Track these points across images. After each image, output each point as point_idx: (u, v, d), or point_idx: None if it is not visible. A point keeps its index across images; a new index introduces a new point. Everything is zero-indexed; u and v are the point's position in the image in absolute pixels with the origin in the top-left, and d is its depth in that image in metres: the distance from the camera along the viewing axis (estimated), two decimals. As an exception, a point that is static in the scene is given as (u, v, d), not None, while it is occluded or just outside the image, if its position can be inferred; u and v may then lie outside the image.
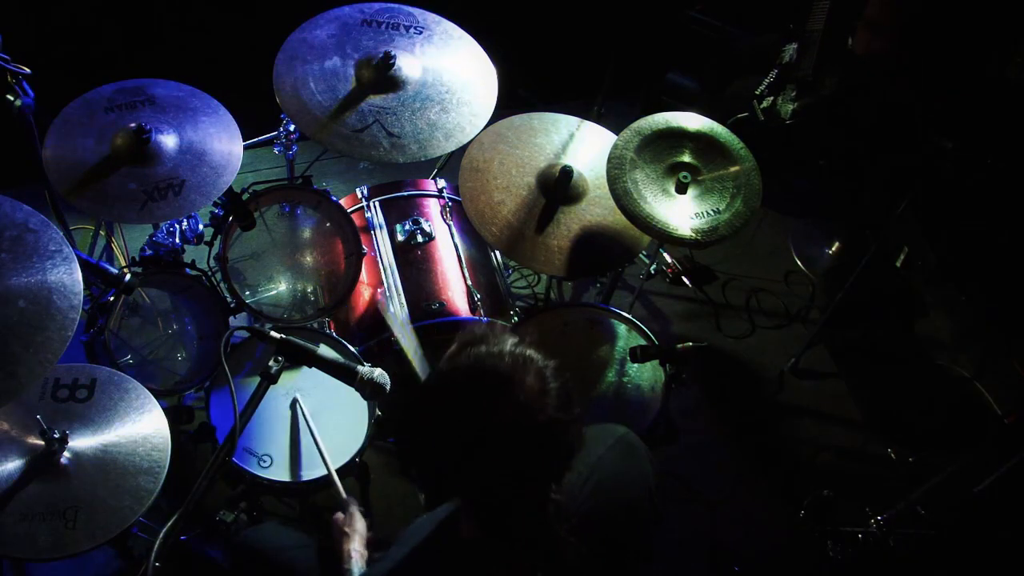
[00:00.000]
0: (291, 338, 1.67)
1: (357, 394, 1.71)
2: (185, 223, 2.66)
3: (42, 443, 1.93)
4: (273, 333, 1.67)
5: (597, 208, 2.58)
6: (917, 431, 3.20)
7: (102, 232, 3.07)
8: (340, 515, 1.94)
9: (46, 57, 2.47)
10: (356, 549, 1.83)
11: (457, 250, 2.73)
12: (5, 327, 1.78)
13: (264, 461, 2.28)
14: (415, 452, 1.30)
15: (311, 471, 2.26)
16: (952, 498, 2.72)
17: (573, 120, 2.75)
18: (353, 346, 2.46)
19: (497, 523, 1.30)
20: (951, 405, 3.36)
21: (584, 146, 2.69)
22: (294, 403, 2.32)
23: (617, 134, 2.57)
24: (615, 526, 1.45)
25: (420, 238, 2.71)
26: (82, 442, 2.00)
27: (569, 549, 1.30)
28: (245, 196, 2.46)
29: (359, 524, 1.92)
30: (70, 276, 1.89)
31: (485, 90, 2.58)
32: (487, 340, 1.25)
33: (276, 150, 2.85)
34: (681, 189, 2.48)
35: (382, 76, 2.49)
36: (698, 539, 2.86)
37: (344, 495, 2.03)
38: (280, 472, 2.27)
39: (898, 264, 3.67)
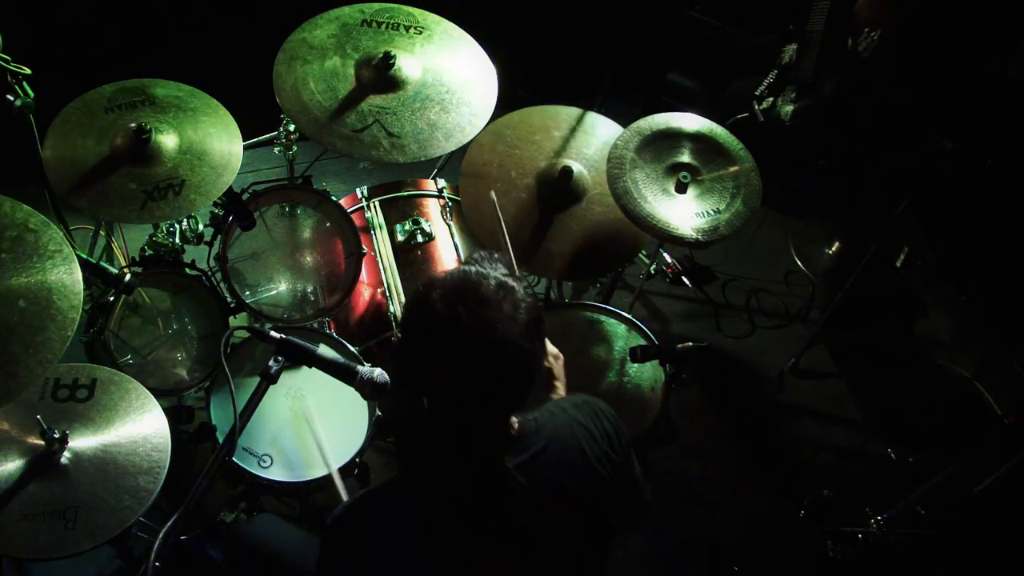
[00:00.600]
0: (291, 338, 1.67)
1: (357, 394, 1.71)
2: (185, 223, 2.65)
3: (42, 443, 1.93)
4: (273, 333, 1.67)
5: (597, 208, 2.58)
6: (917, 431, 3.20)
7: (102, 232, 3.06)
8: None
9: (46, 57, 2.46)
10: None
11: (457, 250, 2.73)
12: (5, 327, 1.78)
13: (264, 461, 2.28)
14: (396, 346, 1.37)
15: (311, 471, 2.26)
16: (952, 498, 2.72)
17: (573, 112, 2.75)
18: (353, 346, 2.46)
19: (452, 437, 1.39)
20: (951, 405, 3.36)
21: (583, 144, 2.70)
22: (299, 404, 2.32)
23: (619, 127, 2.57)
24: (567, 476, 1.47)
25: (420, 238, 2.71)
26: (82, 442, 2.00)
27: (518, 487, 1.37)
28: (245, 196, 2.46)
29: None
30: (70, 276, 1.89)
31: (485, 90, 2.58)
32: (481, 263, 1.37)
33: (276, 150, 2.85)
34: (681, 189, 2.48)
35: (382, 76, 2.49)
36: (698, 539, 2.86)
37: (346, 497, 2.02)
38: (280, 472, 2.27)
39: (898, 264, 3.68)
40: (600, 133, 2.74)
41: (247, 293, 2.58)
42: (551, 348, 1.92)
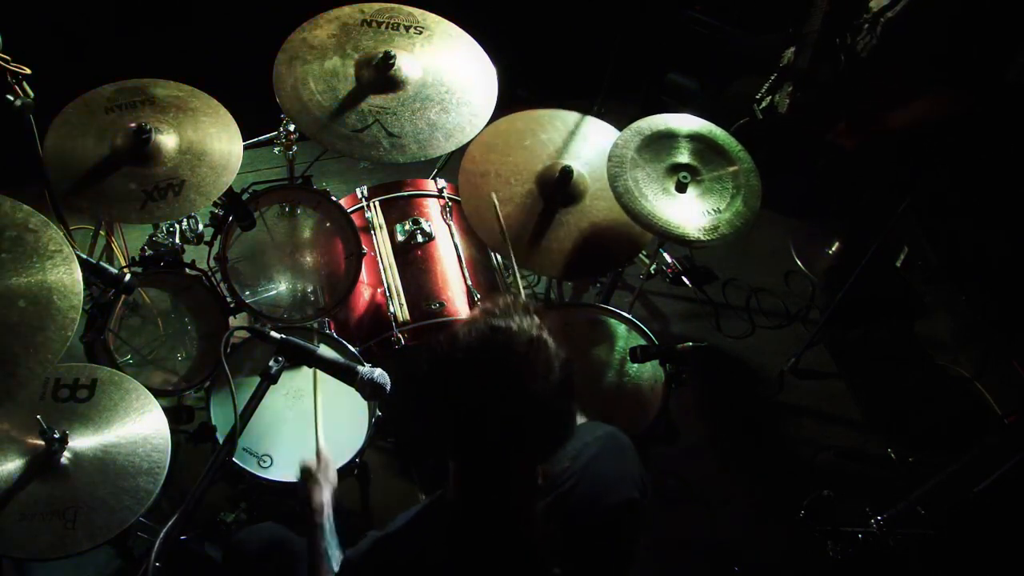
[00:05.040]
0: (291, 338, 1.67)
1: (357, 394, 1.72)
2: (185, 223, 2.65)
3: (42, 443, 1.93)
4: (273, 333, 1.68)
5: (597, 207, 2.58)
6: (917, 431, 3.20)
7: (102, 232, 3.06)
8: (313, 461, 1.93)
9: (46, 57, 2.47)
10: (328, 501, 1.84)
11: (457, 250, 2.73)
12: (5, 327, 1.78)
13: (264, 461, 2.28)
14: (417, 405, 1.32)
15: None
16: (952, 498, 2.72)
17: (556, 113, 2.75)
18: (353, 346, 2.47)
19: (476, 488, 1.34)
20: (951, 405, 3.35)
21: (582, 146, 2.70)
22: (300, 404, 2.31)
23: (617, 130, 2.58)
24: (595, 514, 1.44)
25: (420, 238, 2.71)
26: (82, 442, 2.00)
27: (541, 528, 1.33)
28: (245, 196, 2.46)
29: (332, 474, 1.93)
30: (70, 276, 1.89)
31: (485, 90, 2.58)
32: (509, 314, 1.27)
33: (276, 150, 2.85)
34: (681, 189, 2.49)
35: (382, 76, 2.49)
36: (698, 539, 2.86)
37: (323, 444, 2.03)
38: (280, 472, 2.27)
39: (898, 264, 3.67)
40: (594, 134, 2.74)
41: (247, 293, 2.58)
42: None
